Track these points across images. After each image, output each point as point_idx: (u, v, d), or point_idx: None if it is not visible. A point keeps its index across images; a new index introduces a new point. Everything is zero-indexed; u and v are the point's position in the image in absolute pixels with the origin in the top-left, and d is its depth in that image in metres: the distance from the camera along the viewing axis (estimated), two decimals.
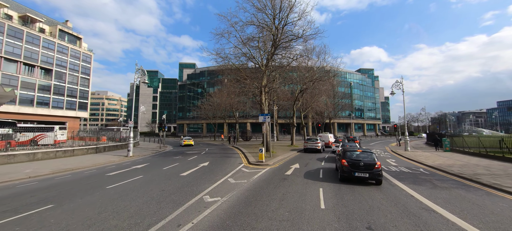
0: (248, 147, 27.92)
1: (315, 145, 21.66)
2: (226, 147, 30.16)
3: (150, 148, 28.94)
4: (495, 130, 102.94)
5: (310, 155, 19.66)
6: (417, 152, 23.29)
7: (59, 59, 55.34)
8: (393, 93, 26.09)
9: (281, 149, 24.57)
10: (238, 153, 21.04)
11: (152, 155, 20.65)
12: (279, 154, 19.53)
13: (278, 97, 47.61)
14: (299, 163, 14.62)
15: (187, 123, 78.74)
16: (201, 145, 36.35)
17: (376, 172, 8.74)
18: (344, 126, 78.63)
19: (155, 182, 9.31)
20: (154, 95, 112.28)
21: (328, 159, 16.95)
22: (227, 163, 14.75)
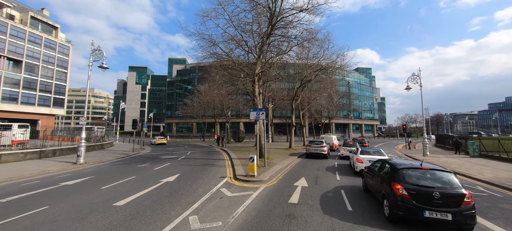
0: (239, 150, 23.63)
1: (321, 149, 17.59)
2: (213, 150, 25.76)
3: (122, 150, 24.26)
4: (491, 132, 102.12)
5: (315, 162, 15.55)
6: (439, 157, 19.55)
7: (31, 50, 49.59)
8: (409, 88, 22.34)
9: (278, 153, 20.39)
10: (225, 159, 16.73)
11: (114, 161, 16.09)
12: (276, 161, 15.33)
13: (274, 94, 43.53)
14: (305, 177, 10.45)
15: (176, 122, 73.71)
16: (186, 147, 31.81)
17: (466, 212, 4.63)
18: (342, 126, 75.33)
19: (49, 226, 4.95)
20: (142, 92, 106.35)
21: (341, 169, 12.86)
22: (203, 177, 10.41)
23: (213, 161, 16.08)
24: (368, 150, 12.08)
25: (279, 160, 15.67)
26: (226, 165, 14.15)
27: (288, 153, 20.90)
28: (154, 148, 30.05)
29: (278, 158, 17.05)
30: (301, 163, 15.40)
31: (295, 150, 23.70)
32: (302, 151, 22.98)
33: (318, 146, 17.80)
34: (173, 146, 32.41)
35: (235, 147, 27.73)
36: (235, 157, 17.05)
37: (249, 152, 21.01)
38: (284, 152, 21.22)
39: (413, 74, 22.07)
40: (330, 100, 42.10)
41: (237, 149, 24.44)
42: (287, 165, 14.06)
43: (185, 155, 19.75)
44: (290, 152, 21.32)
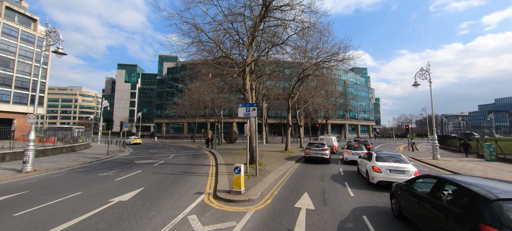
0: (229, 153, 21.03)
1: (322, 153, 15.19)
2: (200, 153, 23.06)
3: (96, 153, 21.27)
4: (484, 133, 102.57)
5: (316, 169, 13.14)
6: (452, 161, 17.48)
7: (5, 43, 45.64)
8: (417, 84, 20.27)
9: (272, 157, 17.91)
10: (209, 166, 14.11)
11: (74, 168, 13.23)
12: (271, 167, 12.83)
13: (269, 92, 41.10)
14: (308, 192, 7.98)
15: (166, 122, 70.38)
16: (172, 148, 28.95)
17: None
18: (338, 127, 73.66)
19: None
20: (132, 91, 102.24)
21: (350, 178, 10.47)
22: (173, 193, 7.80)
23: (194, 167, 13.43)
24: (384, 155, 9.71)
25: (274, 167, 13.17)
26: (209, 173, 11.54)
27: (284, 156, 18.44)
28: (136, 150, 27.09)
29: (273, 163, 14.55)
30: (300, 170, 12.94)
31: (291, 153, 21.27)
32: (299, 154, 20.58)
33: (319, 149, 15.39)
34: (157, 148, 29.50)
35: (226, 150, 25.09)
36: (222, 163, 14.45)
37: (239, 155, 18.46)
38: (280, 156, 18.75)
39: (422, 69, 20.02)
40: (328, 99, 40.01)
41: (227, 152, 21.83)
42: (283, 174, 11.57)
43: (165, 160, 17.02)
44: (286, 156, 18.87)
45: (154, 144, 38.31)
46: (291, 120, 22.78)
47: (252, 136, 12.70)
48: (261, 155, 17.90)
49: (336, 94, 46.99)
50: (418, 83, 20.18)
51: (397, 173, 8.32)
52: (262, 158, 16.02)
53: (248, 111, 10.58)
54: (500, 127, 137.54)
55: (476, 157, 20.34)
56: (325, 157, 15.12)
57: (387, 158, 9.30)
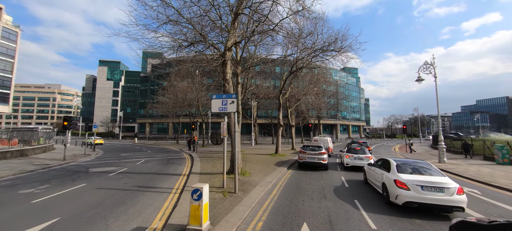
0: (211, 157, 18.18)
1: (319, 157, 12.71)
2: (178, 157, 20.04)
3: (51, 158, 17.75)
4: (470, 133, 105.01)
5: (314, 178, 10.62)
6: (463, 166, 15.53)
7: None
8: (420, 79, 18.32)
9: (260, 162, 15.26)
10: (180, 175, 11.26)
11: (3, 179, 9.97)
12: (257, 178, 10.17)
13: (258, 91, 38.51)
14: (308, 222, 5.39)
15: (149, 122, 66.18)
16: (149, 151, 25.67)
17: None
18: (330, 127, 72.27)
19: None
20: (115, 89, 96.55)
21: (361, 194, 8.00)
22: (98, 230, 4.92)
23: (160, 178, 10.53)
24: (407, 163, 7.28)
25: (261, 177, 10.50)
26: (174, 187, 8.71)
27: (274, 161, 15.83)
28: (106, 153, 23.62)
29: (260, 171, 11.89)
30: (293, 180, 10.36)
31: (282, 156, 18.72)
32: (292, 157, 18.07)
33: (315, 153, 12.89)
34: (132, 151, 26.09)
35: (209, 153, 22.19)
36: (197, 171, 11.63)
37: (221, 160, 15.64)
38: (269, 161, 16.13)
39: (426, 63, 18.11)
40: (320, 97, 37.94)
41: (209, 156, 18.95)
42: (272, 187, 8.92)
43: (129, 167, 13.95)
44: (276, 160, 16.27)
45: (132, 146, 34.68)
46: (282, 120, 20.27)
47: (235, 139, 10.01)
48: (246, 160, 15.22)
49: (329, 93, 45.17)
50: (422, 78, 18.24)
51: (432, 190, 5.88)
52: (247, 165, 13.34)
53: (224, 104, 7.87)
54: (484, 127, 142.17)
55: (482, 159, 18.69)
56: (322, 163, 12.65)
57: (412, 168, 6.88)
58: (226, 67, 10.97)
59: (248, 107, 36.56)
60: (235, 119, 8.13)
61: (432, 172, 6.59)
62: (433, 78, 17.73)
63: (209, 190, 5.25)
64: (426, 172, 6.59)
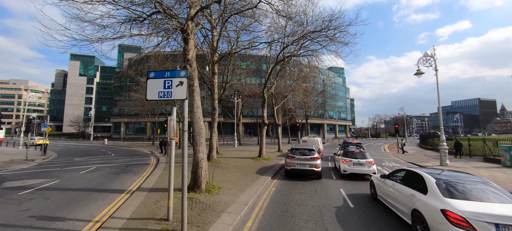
0: (180, 163, 14.96)
1: (311, 163, 10.10)
2: (137, 164, 16.62)
3: None
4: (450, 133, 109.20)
5: (306, 194, 7.98)
6: (470, 170, 13.67)
7: None
8: (419, 72, 16.40)
9: (239, 170, 12.40)
10: (121, 193, 8.12)
11: None
12: (228, 197, 7.30)
13: (243, 88, 35.66)
14: None
15: (125, 122, 60.96)
16: (113, 155, 21.90)
17: None
18: (317, 127, 71.02)
19: None
20: (89, 86, 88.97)
21: (375, 221, 5.42)
22: None
23: (86, 199, 7.33)
24: (454, 181, 4.71)
25: (235, 193, 7.64)
26: (93, 220, 5.61)
27: (257, 167, 13.03)
28: (60, 157, 19.61)
29: (235, 183, 9.02)
30: (278, 197, 7.62)
31: (267, 160, 15.98)
32: (278, 162, 15.39)
33: (306, 158, 10.25)
34: (90, 155, 22.14)
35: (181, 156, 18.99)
36: (149, 186, 8.55)
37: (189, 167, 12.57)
38: (250, 166, 13.30)
39: (426, 55, 16.23)
40: (308, 95, 35.83)
41: (178, 161, 15.79)
42: (247, 214, 6.09)
43: (65, 178, 10.51)
44: (259, 166, 13.48)
45: (97, 149, 30.36)
46: (266, 118, 17.55)
47: (198, 139, 7.09)
48: (221, 167, 12.30)
49: (317, 91, 43.33)
50: (421, 71, 16.35)
51: None
52: (220, 175, 10.44)
53: (168, 87, 4.85)
54: (459, 127, 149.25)
55: (482, 160, 17.18)
56: (315, 171, 10.04)
57: (464, 188, 4.34)
58: (188, 41, 7.97)
59: (231, 104, 33.55)
60: (186, 110, 5.16)
61: (500, 195, 4.10)
62: (434, 71, 15.89)
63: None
64: (491, 196, 4.09)
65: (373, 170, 10.31)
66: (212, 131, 14.25)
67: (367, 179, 10.73)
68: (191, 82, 7.76)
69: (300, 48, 14.81)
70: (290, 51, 15.31)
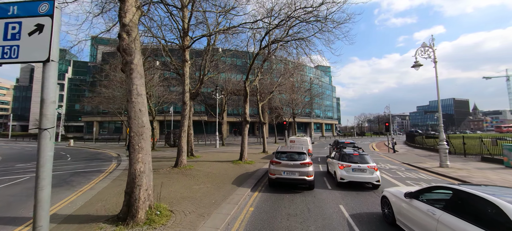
0: None
1: (301, 170, 7.92)
2: (89, 170, 13.61)
3: None
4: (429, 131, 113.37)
5: (296, 218, 5.76)
6: (472, 171, 12.24)
7: None
8: (418, 64, 14.87)
9: (212, 178, 9.99)
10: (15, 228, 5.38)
11: None
12: (185, 225, 4.85)
13: (226, 85, 33.10)
14: None
15: (98, 121, 55.97)
16: (68, 159, 18.54)
17: None
18: (303, 125, 69.97)
19: None
20: (60, 82, 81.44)
21: None
22: None
23: None
24: None
25: (192, 221, 5.20)
26: None
27: (235, 174, 10.67)
28: (1, 162, 15.98)
29: (200, 200, 6.60)
30: (258, 225, 5.31)
31: (249, 164, 13.67)
32: (261, 165, 13.13)
33: (295, 164, 8.06)
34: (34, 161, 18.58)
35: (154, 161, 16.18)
36: (70, 212, 5.90)
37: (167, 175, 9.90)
38: (227, 173, 10.90)
39: (424, 45, 14.72)
40: (296, 91, 34.01)
41: None
42: None
43: None
44: (238, 172, 11.12)
45: (57, 152, 26.39)
46: (249, 116, 15.21)
47: (138, 142, 4.64)
48: (189, 175, 9.79)
49: (304, 88, 41.73)
50: (419, 63, 14.82)
51: None
52: (184, 185, 7.97)
53: (14, 34, 2.30)
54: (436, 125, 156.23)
55: (479, 160, 16.07)
56: (307, 180, 7.87)
57: None
58: (124, 0, 5.40)
59: (214, 102, 30.86)
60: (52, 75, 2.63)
61: None
62: (433, 63, 14.42)
63: None
64: None
65: (376, 177, 8.35)
66: (181, 130, 11.67)
67: (368, 186, 8.77)
68: (128, 57, 5.25)
69: (287, 33, 12.61)
70: (276, 37, 13.07)
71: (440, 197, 4.18)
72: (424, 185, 9.58)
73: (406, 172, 12.51)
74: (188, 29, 12.24)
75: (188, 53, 12.47)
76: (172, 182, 8.64)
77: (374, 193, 7.94)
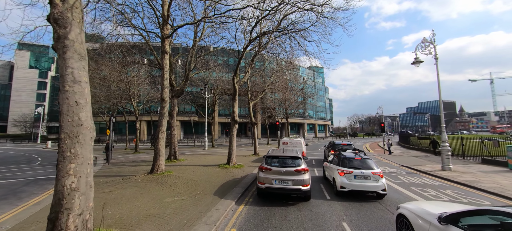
0: (108, 176, 10.73)
1: (296, 179, 6.64)
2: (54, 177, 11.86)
3: None
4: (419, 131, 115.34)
5: None
6: (478, 175, 11.35)
7: None
8: (418, 60, 13.96)
9: (192, 186, 8.60)
10: None
11: None
12: None
13: (216, 84, 31.65)
14: None
15: None
16: (41, 162, 16.61)
17: None
18: (297, 126, 69.21)
19: None
20: (42, 80, 77.55)
21: None
22: None
23: None
24: None
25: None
26: None
27: (220, 181, 9.29)
28: None
29: (168, 222, 5.18)
30: None
31: (237, 168, 12.31)
32: (250, 170, 11.80)
33: (288, 171, 6.76)
34: (9, 164, 16.59)
35: (127, 163, 14.52)
36: None
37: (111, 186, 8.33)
38: (210, 181, 9.51)
39: (424, 41, 13.83)
40: (289, 90, 32.94)
41: (110, 171, 11.42)
42: None
43: None
44: (224, 179, 9.74)
45: (30, 154, 24.15)
46: (237, 114, 13.85)
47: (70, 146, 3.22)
48: (164, 184, 8.33)
49: (297, 88, 40.76)
50: (420, 59, 13.93)
51: None
52: (154, 197, 6.53)
53: None
54: (425, 126, 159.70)
55: (479, 162, 15.35)
56: (302, 190, 6.60)
57: None
58: None
59: (203, 101, 29.28)
60: None
61: None
62: (434, 60, 13.55)
63: None
64: None
65: (382, 185, 7.20)
66: (159, 131, 10.19)
67: (372, 195, 7.60)
68: (61, 30, 3.81)
69: (280, 24, 11.36)
70: (268, 28, 11.79)
71: (485, 223, 3.01)
72: (431, 192, 8.55)
73: (407, 177, 11.49)
74: (168, 16, 10.79)
75: (169, 44, 11.01)
76: (140, 194, 7.18)
77: (381, 205, 6.78)
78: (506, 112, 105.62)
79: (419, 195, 8.00)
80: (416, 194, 8.13)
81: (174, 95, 15.58)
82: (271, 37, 13.38)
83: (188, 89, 43.67)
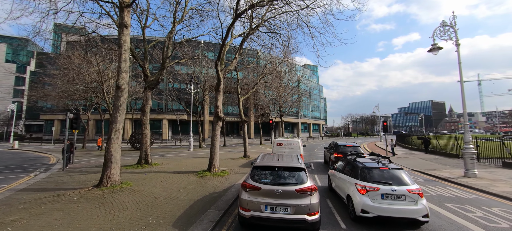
0: (39, 191, 8.01)
1: (300, 203, 4.23)
2: None
3: None
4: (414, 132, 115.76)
5: None
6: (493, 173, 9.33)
7: None
8: (436, 47, 11.85)
9: (152, 208, 6.09)
10: None
11: None
12: None
13: (205, 79, 29.00)
14: None
15: (60, 119, 49.14)
16: None
17: None
18: (291, 125, 67.16)
19: None
20: (20, 75, 72.41)
21: None
22: None
23: None
24: None
25: None
26: None
27: (193, 197, 6.79)
28: None
29: None
30: None
31: (220, 176, 9.83)
32: (236, 179, 9.33)
33: (285, 192, 4.35)
34: None
35: (86, 169, 11.80)
36: None
37: (26, 209, 5.65)
38: (180, 197, 7.00)
39: (443, 24, 11.74)
40: (284, 87, 30.68)
41: (56, 182, 8.74)
42: None
43: None
44: (198, 194, 7.25)
45: (8, 155, 20.81)
46: (222, 110, 11.37)
47: None
48: (111, 204, 5.74)
49: (291, 86, 38.55)
50: (439, 46, 11.83)
51: None
52: (87, 226, 3.94)
53: None
54: (416, 126, 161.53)
55: (500, 166, 13.48)
56: (308, 221, 4.18)
57: None
58: None
59: (188, 96, 26.53)
60: None
61: None
62: (455, 46, 11.48)
63: None
64: None
65: (423, 209, 4.89)
66: (111, 130, 7.59)
67: (404, 222, 5.29)
68: None
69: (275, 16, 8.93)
70: None
71: None
72: (476, 212, 6.10)
73: (429, 186, 9.33)
74: None
75: (128, 15, 8.39)
76: (57, 226, 4.60)
77: None
78: (498, 112, 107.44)
79: (464, 217, 5.77)
80: (459, 215, 5.89)
81: (148, 86, 12.96)
82: (264, 16, 10.94)
83: (175, 86, 40.73)
